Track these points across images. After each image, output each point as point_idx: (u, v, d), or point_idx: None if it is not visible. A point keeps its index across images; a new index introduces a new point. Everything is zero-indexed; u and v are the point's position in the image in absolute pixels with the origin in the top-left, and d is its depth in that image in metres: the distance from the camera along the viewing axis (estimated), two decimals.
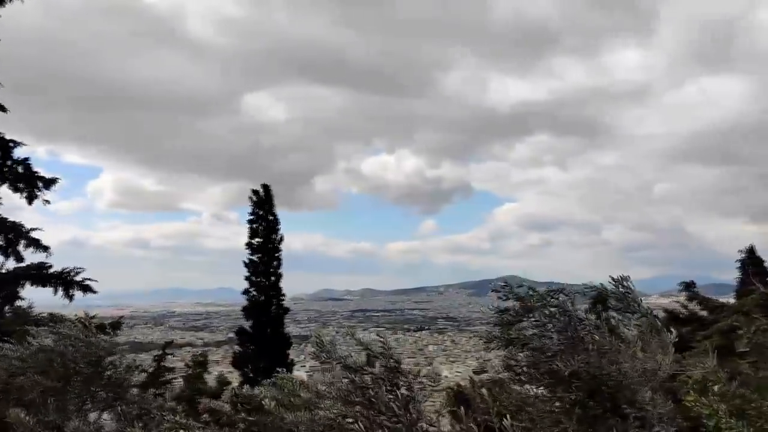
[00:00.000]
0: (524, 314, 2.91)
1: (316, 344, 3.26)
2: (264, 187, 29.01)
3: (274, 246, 28.26)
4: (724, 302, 14.76)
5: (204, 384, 15.14)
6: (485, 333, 3.13)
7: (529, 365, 2.82)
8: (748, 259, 20.65)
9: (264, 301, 27.47)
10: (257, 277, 27.82)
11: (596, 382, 2.59)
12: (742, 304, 12.60)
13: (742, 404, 4.06)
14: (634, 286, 2.95)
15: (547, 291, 2.93)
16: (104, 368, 4.22)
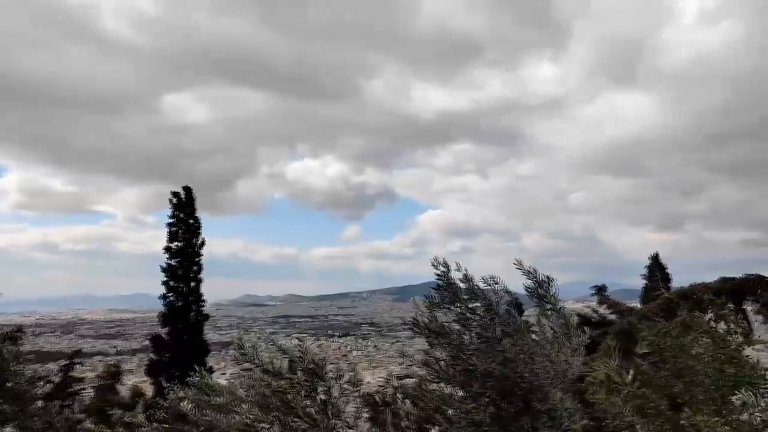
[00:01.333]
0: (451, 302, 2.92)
1: (236, 346, 3.19)
2: (185, 189, 28.14)
3: (194, 250, 27.43)
4: (632, 306, 15.60)
5: (116, 394, 14.48)
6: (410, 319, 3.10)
7: (448, 362, 2.86)
8: (652, 265, 21.86)
9: (182, 307, 26.60)
10: (176, 282, 26.90)
11: (510, 381, 2.66)
12: (647, 308, 13.36)
13: (643, 403, 4.29)
14: (557, 288, 3.06)
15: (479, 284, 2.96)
16: (4, 379, 3.96)
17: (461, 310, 2.79)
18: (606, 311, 15.15)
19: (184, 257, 27.12)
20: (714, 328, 4.83)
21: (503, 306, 2.99)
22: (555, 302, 3.02)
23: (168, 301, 26.81)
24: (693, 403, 4.22)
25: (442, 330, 2.70)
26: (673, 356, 4.60)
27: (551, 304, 3.03)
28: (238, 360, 3.15)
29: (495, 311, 2.74)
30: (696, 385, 4.28)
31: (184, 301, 26.78)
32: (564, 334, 3.03)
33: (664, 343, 4.79)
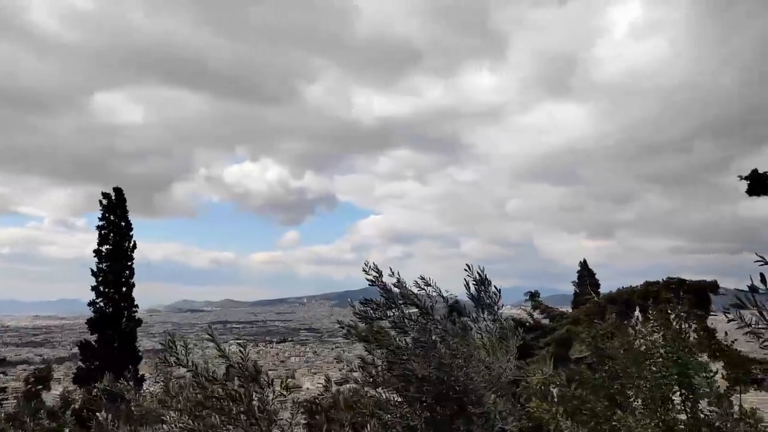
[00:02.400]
0: (387, 309, 2.93)
1: (167, 346, 3.09)
2: (116, 190, 27.18)
3: (126, 254, 26.52)
4: (563, 311, 16.09)
5: (42, 404, 13.82)
6: (347, 326, 3.10)
7: (384, 367, 2.87)
8: (582, 271, 22.67)
9: (113, 313, 25.65)
10: (106, 288, 25.93)
11: (445, 385, 2.70)
12: (577, 312, 13.81)
13: (579, 405, 4.42)
14: (498, 291, 3.11)
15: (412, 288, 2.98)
16: None
17: (397, 315, 2.80)
18: (540, 316, 15.58)
19: (114, 261, 26.18)
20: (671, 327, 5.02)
21: (439, 310, 3.02)
22: (491, 306, 3.08)
23: (98, 306, 25.81)
24: (629, 404, 4.39)
25: (378, 336, 2.71)
26: (611, 357, 4.75)
27: (488, 308, 3.09)
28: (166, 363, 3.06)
29: (430, 316, 2.78)
30: (633, 387, 4.44)
31: (114, 307, 25.84)
32: (499, 338, 3.10)
33: (604, 344, 4.95)
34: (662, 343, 5.00)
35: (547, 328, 14.58)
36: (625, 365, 4.56)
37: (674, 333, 5.02)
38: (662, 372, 4.60)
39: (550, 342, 12.70)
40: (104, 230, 26.40)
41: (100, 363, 24.40)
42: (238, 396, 3.06)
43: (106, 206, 26.63)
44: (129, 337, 25.84)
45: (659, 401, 4.38)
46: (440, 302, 3.16)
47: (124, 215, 26.94)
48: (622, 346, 4.78)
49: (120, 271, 26.21)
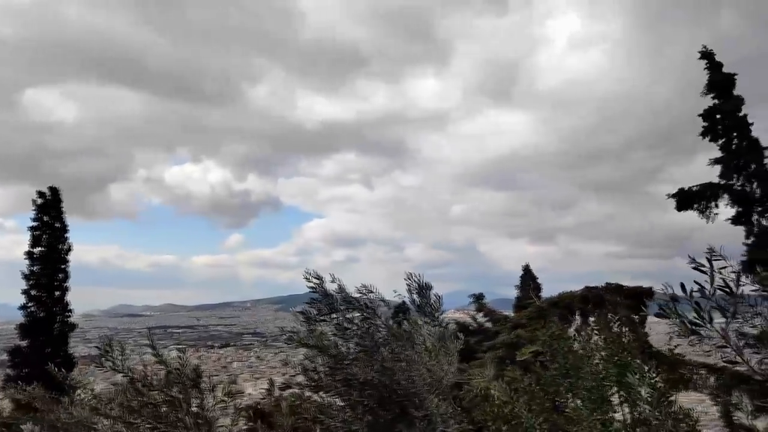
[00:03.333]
0: (328, 314, 2.92)
1: (102, 350, 2.99)
2: (51, 189, 26.14)
3: (60, 256, 25.52)
4: (506, 314, 16.39)
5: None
6: (288, 332, 3.08)
7: (327, 372, 2.85)
8: (524, 275, 23.20)
9: (45, 318, 24.63)
10: (38, 291, 24.89)
11: (388, 389, 2.70)
12: (520, 316, 14.09)
13: (530, 400, 4.52)
14: (439, 296, 3.13)
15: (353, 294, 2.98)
16: None
17: (339, 320, 2.79)
18: (483, 319, 15.81)
19: (48, 263, 25.16)
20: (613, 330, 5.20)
21: (385, 313, 3.03)
22: (434, 311, 3.10)
23: (29, 311, 24.74)
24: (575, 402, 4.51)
25: (320, 342, 2.69)
26: (564, 355, 4.87)
27: (430, 312, 3.11)
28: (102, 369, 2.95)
29: (373, 320, 2.77)
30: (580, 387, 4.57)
31: (47, 311, 24.82)
32: (441, 341, 3.12)
33: (555, 344, 5.08)
34: (602, 345, 5.17)
35: (490, 331, 14.79)
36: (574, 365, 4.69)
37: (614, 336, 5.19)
38: (602, 373, 4.75)
39: (495, 345, 12.90)
40: (37, 231, 25.35)
41: (30, 370, 23.35)
42: (176, 402, 2.98)
43: (41, 206, 25.58)
44: (62, 343, 24.87)
45: (598, 401, 4.51)
46: (385, 306, 3.17)
47: (60, 216, 25.94)
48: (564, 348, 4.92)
49: (53, 274, 25.21)
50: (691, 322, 1.83)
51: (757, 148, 15.44)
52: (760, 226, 15.26)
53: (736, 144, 15.58)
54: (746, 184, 15.48)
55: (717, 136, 15.79)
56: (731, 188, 15.58)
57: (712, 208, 15.77)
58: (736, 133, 15.63)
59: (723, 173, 15.73)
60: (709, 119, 15.85)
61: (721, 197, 15.69)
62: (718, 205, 15.70)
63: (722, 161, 15.71)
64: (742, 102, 15.65)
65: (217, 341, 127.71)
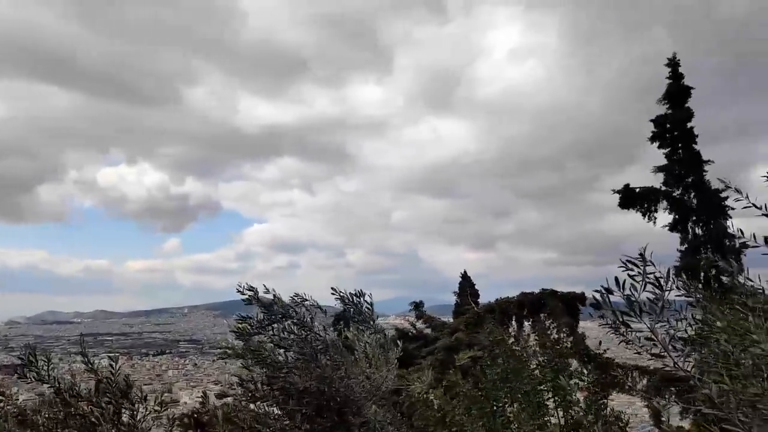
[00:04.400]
0: (266, 325, 2.88)
1: (26, 360, 2.83)
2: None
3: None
4: (445, 321, 16.58)
5: None
6: (223, 345, 3.03)
7: (264, 381, 2.80)
8: (463, 282, 23.53)
9: None
10: None
11: (326, 397, 2.67)
12: (458, 322, 14.28)
13: (469, 405, 4.57)
14: (371, 302, 3.13)
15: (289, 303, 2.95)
16: None
17: (277, 329, 2.75)
18: (423, 326, 15.96)
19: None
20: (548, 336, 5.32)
21: (323, 320, 3.00)
22: (369, 318, 3.10)
23: None
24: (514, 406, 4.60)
25: (257, 352, 2.64)
26: (504, 360, 4.94)
27: (366, 320, 3.10)
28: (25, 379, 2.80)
29: (310, 328, 2.74)
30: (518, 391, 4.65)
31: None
32: (380, 348, 3.11)
33: (496, 348, 5.16)
34: (539, 350, 5.29)
35: (429, 337, 14.93)
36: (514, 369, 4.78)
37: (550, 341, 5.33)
38: (539, 378, 4.87)
39: (435, 351, 13.02)
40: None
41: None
42: (105, 413, 2.86)
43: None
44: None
45: (535, 406, 4.62)
46: (324, 313, 3.14)
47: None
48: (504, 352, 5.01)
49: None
50: (622, 312, 1.90)
51: (698, 160, 16.16)
52: (694, 234, 15.97)
53: (680, 153, 16.24)
54: (685, 194, 16.16)
55: (664, 144, 16.42)
56: (671, 196, 16.24)
57: (652, 212, 16.38)
58: (682, 144, 16.30)
59: (665, 180, 16.36)
60: (659, 126, 16.47)
61: (660, 202, 16.32)
62: (657, 210, 16.33)
63: (666, 169, 16.36)
64: (692, 114, 16.33)
65: (151, 349, 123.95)
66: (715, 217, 15.59)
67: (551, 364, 4.98)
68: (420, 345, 14.02)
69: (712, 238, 15.49)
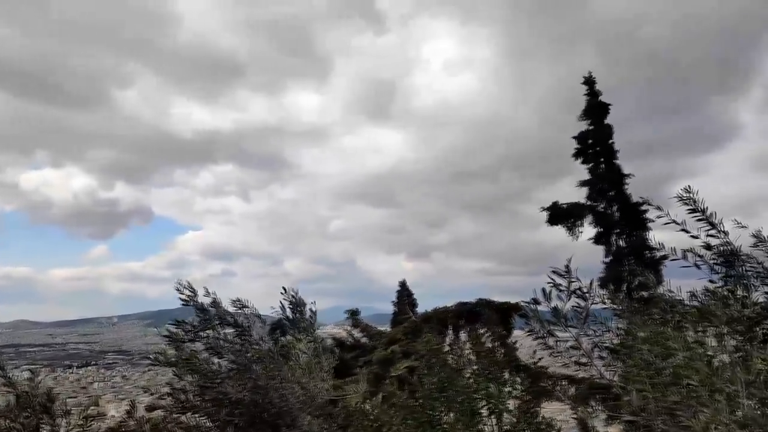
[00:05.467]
0: (200, 330, 2.81)
1: None
2: None
3: None
4: (383, 330, 16.61)
5: None
6: (154, 352, 2.94)
7: (196, 391, 2.73)
8: (401, 291, 23.67)
9: None
10: None
11: (260, 407, 2.63)
12: (396, 331, 14.33)
13: (407, 413, 4.59)
14: (314, 311, 3.10)
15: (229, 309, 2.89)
16: None
17: (212, 336, 2.68)
18: (360, 335, 15.92)
19: None
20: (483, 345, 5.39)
21: (260, 329, 2.96)
22: (309, 327, 3.07)
23: None
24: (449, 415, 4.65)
25: (190, 360, 2.57)
26: (440, 369, 4.98)
27: (305, 329, 3.08)
28: None
29: (247, 337, 2.70)
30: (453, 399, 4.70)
31: None
32: (316, 358, 3.09)
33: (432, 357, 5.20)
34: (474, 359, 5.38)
35: (367, 346, 14.91)
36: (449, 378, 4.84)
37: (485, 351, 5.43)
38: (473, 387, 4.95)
39: (371, 361, 13.00)
40: None
41: None
42: (25, 429, 2.73)
43: None
44: None
45: (470, 414, 4.69)
46: (261, 322, 3.10)
47: None
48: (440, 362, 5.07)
49: None
50: (549, 321, 1.97)
51: (620, 175, 16.83)
52: (617, 246, 16.62)
53: (602, 169, 16.88)
54: (608, 208, 16.81)
55: (586, 160, 17.04)
56: (595, 210, 16.85)
57: (578, 227, 16.96)
58: (604, 159, 16.95)
59: (589, 195, 16.98)
60: (582, 142, 17.07)
61: (586, 217, 16.91)
62: (583, 224, 16.91)
63: (589, 184, 16.97)
64: (612, 130, 17.02)
65: (76, 360, 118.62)
66: (636, 229, 16.30)
67: (485, 372, 5.07)
68: (357, 354, 13.98)
69: (633, 250, 16.19)
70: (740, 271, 2.98)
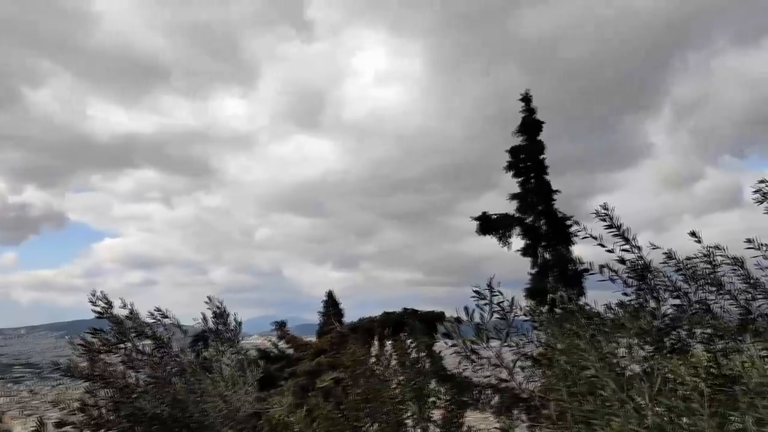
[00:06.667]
0: (117, 343, 2.68)
1: None
2: None
3: None
4: (309, 341, 16.45)
5: None
6: (66, 364, 2.78)
7: (110, 407, 2.60)
8: (328, 301, 23.60)
9: None
10: None
11: (179, 422, 2.53)
12: (322, 342, 14.24)
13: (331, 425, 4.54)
14: (238, 321, 3.03)
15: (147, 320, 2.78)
16: None
17: (129, 349, 2.57)
18: (285, 346, 15.71)
19: None
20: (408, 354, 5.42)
21: (182, 341, 2.87)
22: (233, 338, 3.00)
23: None
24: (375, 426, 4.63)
25: (104, 373, 2.45)
26: (365, 380, 4.96)
27: (230, 339, 3.01)
28: None
29: (167, 349, 2.60)
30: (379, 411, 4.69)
31: None
32: (240, 370, 3.02)
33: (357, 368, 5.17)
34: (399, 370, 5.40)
35: (292, 357, 14.72)
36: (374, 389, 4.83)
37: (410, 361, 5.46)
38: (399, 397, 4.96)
39: (297, 372, 12.84)
40: None
41: None
42: None
43: None
44: None
45: (395, 425, 4.70)
46: (183, 333, 3.00)
47: None
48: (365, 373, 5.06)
49: None
50: (471, 341, 2.00)
51: (548, 190, 17.50)
52: (543, 259, 17.22)
53: (532, 183, 17.51)
54: (536, 221, 17.43)
55: (518, 173, 17.64)
56: (524, 222, 17.42)
57: (507, 238, 17.49)
58: (534, 174, 17.59)
59: (519, 208, 17.55)
60: (514, 156, 17.68)
61: (515, 228, 17.46)
62: (512, 235, 17.47)
63: (519, 197, 17.55)
64: (544, 147, 17.72)
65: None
66: (562, 243, 16.98)
67: (410, 383, 5.10)
68: (282, 366, 13.78)
69: (557, 263, 16.83)
70: (651, 285, 3.15)
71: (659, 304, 3.01)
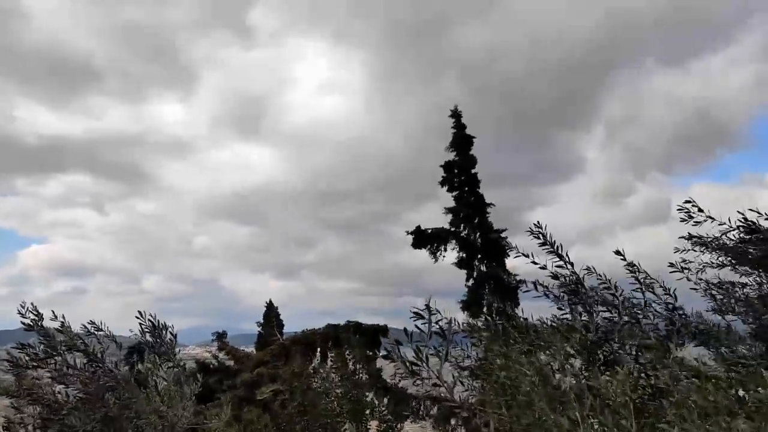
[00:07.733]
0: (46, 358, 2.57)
1: None
2: None
3: None
4: (249, 352, 16.19)
5: None
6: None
7: (37, 424, 2.50)
8: (267, 311, 23.32)
9: None
10: None
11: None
12: (263, 354, 14.04)
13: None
14: (173, 333, 2.95)
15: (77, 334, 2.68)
16: None
17: (60, 363, 2.47)
18: (225, 357, 15.41)
19: None
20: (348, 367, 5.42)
21: (115, 354, 2.78)
22: (169, 350, 2.93)
23: None
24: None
25: (31, 389, 2.35)
26: (302, 393, 4.93)
27: (165, 352, 2.93)
28: None
29: (99, 363, 2.52)
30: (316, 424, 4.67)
31: None
32: (176, 383, 2.95)
33: (295, 381, 5.14)
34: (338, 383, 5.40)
35: (232, 369, 14.43)
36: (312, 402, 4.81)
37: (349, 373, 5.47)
38: (337, 410, 4.96)
39: (236, 384, 12.60)
40: None
41: None
42: None
43: None
44: None
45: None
46: (116, 345, 2.91)
47: None
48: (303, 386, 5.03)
49: None
50: (411, 362, 2.04)
51: (482, 203, 17.91)
52: (479, 271, 17.57)
53: (466, 197, 17.89)
54: (471, 233, 17.77)
55: (452, 188, 18.00)
56: (459, 235, 17.74)
57: (441, 251, 17.78)
58: (467, 188, 17.98)
59: (453, 221, 17.88)
60: (448, 171, 18.03)
61: (450, 242, 17.76)
62: (447, 248, 17.76)
63: (453, 211, 17.89)
64: (476, 161, 18.15)
65: None
66: (496, 256, 17.40)
67: (348, 395, 5.11)
68: (221, 378, 13.48)
69: (492, 275, 17.24)
70: (584, 299, 3.27)
71: (593, 318, 3.13)
